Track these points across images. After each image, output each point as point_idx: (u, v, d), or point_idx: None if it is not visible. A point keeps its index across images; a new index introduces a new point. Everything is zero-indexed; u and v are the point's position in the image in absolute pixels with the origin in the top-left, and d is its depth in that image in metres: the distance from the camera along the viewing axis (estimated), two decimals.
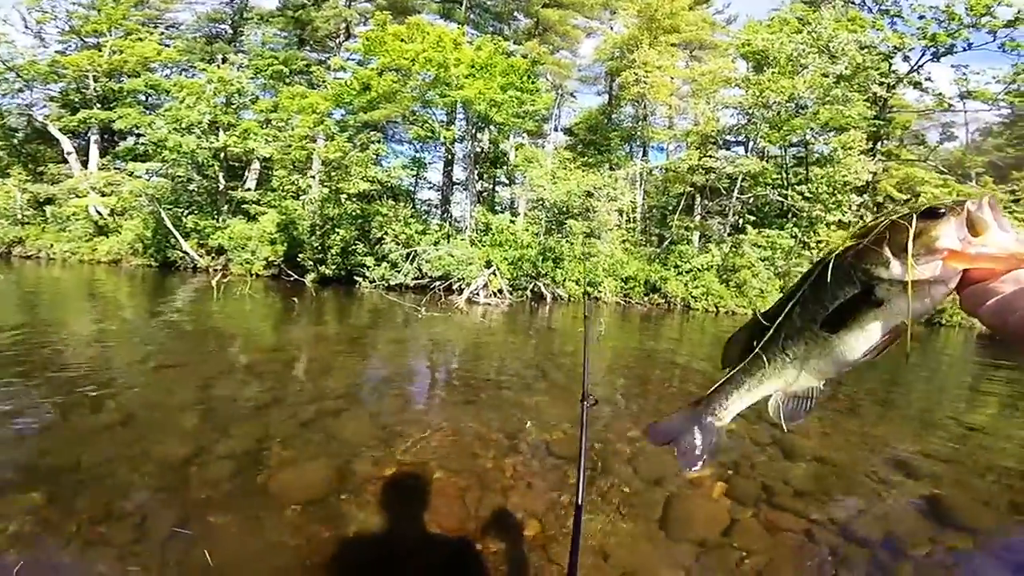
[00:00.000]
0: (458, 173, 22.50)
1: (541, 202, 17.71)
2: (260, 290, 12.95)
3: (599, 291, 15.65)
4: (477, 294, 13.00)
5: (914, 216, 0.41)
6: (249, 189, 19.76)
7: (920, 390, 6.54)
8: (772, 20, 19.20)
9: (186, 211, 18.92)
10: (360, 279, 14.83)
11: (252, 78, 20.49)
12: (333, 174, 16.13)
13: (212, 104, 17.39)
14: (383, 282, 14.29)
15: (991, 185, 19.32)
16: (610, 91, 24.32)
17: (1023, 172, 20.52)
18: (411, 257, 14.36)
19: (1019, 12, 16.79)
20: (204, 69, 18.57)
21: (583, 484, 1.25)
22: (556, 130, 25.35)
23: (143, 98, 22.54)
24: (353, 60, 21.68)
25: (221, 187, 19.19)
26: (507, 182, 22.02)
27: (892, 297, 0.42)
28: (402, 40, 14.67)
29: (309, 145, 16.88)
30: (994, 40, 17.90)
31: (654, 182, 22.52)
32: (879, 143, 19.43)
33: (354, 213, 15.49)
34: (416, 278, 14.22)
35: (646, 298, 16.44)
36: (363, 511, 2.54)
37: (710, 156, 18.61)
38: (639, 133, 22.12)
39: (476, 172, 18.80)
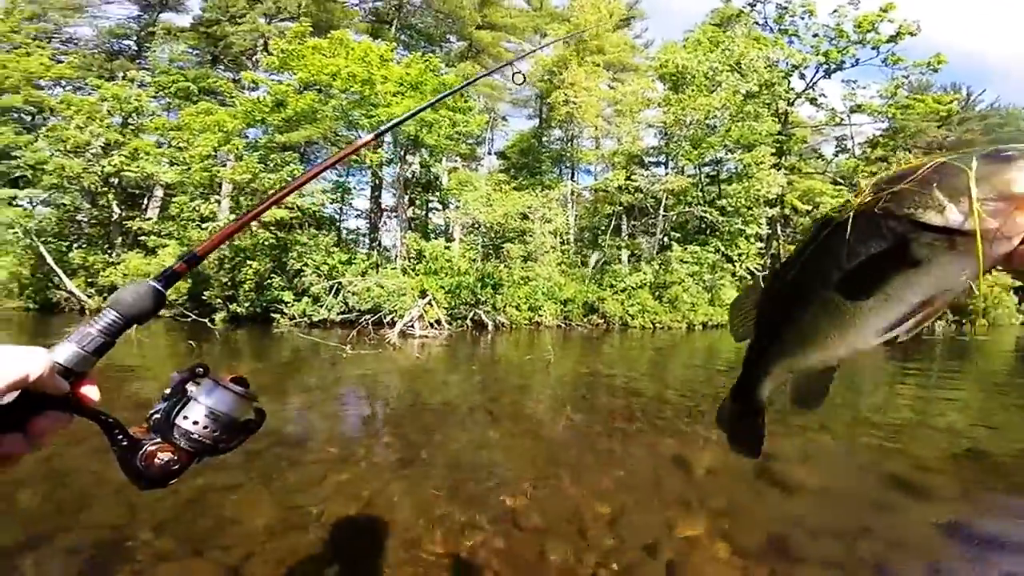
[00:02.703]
0: (387, 199, 21.57)
1: (477, 226, 17.24)
2: (159, 333, 11.19)
3: (540, 315, 15.29)
4: (412, 326, 12.06)
5: (975, 158, 0.30)
6: (150, 219, 17.62)
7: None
8: (687, 41, 20.54)
9: (73, 245, 16.52)
10: (278, 316, 13.37)
11: (154, 96, 18.71)
12: (243, 200, 14.63)
13: (106, 124, 15.57)
14: (305, 319, 12.94)
15: None
16: (540, 114, 24.83)
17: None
18: (335, 290, 13.16)
19: (900, 27, 19.02)
20: (98, 87, 16.59)
21: None
22: (490, 154, 25.34)
23: (26, 117, 19.91)
24: (271, 77, 20.47)
25: (115, 217, 17.03)
26: (440, 207, 21.40)
27: (934, 255, 0.31)
28: (323, 55, 13.79)
29: (213, 168, 15.20)
30: (878, 55, 20.18)
31: (584, 204, 22.99)
32: (783, 158, 21.09)
33: (269, 243, 14.06)
34: (342, 312, 13.01)
35: (585, 319, 16.35)
36: None
37: (636, 176, 19.29)
38: (568, 155, 22.60)
39: (407, 197, 18.03)
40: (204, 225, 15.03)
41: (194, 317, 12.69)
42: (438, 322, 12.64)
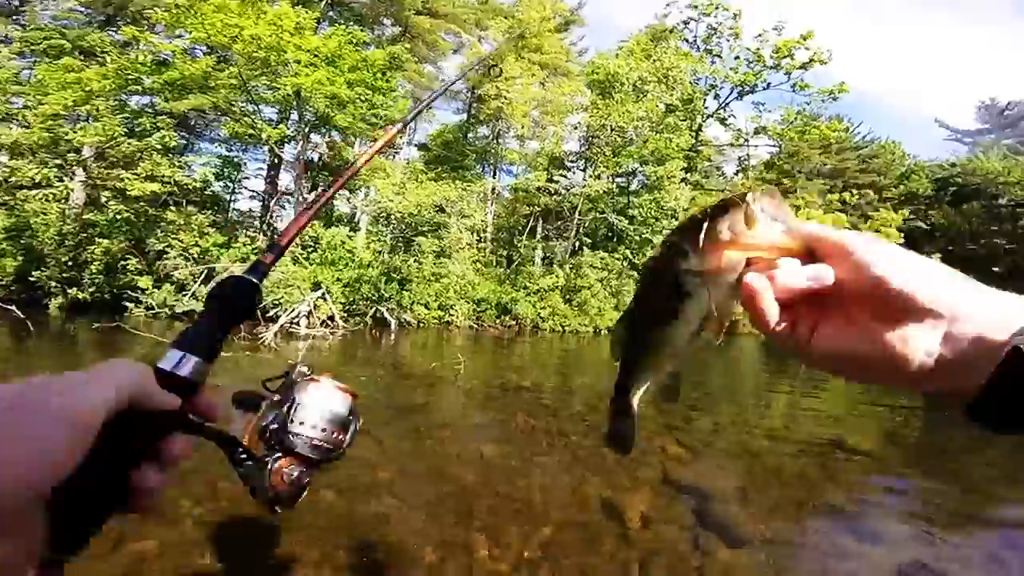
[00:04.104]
0: (286, 180, 19.25)
1: (387, 216, 15.87)
2: None
3: (451, 315, 14.43)
4: (297, 324, 10.50)
5: (707, 211, 0.44)
6: None
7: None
8: (620, 50, 20.90)
9: None
10: (131, 305, 11.02)
11: (19, 54, 15.11)
12: (96, 167, 11.93)
13: None
14: (165, 309, 10.79)
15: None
16: (469, 109, 23.98)
17: (788, 200, 25.96)
18: (205, 277, 11.12)
19: (814, 54, 20.62)
20: None
21: None
22: (410, 144, 23.81)
23: None
24: (164, 40, 17.21)
25: None
26: (348, 193, 19.57)
27: (696, 288, 0.45)
28: (229, 14, 11.57)
29: (59, 129, 12.17)
30: (788, 80, 21.83)
31: (502, 203, 22.55)
32: (689, 174, 22.30)
33: (128, 218, 11.59)
34: None
35: (497, 320, 15.83)
36: None
37: (556, 180, 19.24)
38: (493, 152, 21.98)
39: (308, 180, 16.06)
40: (36, 193, 12.05)
41: (2, 305, 9.70)
42: (331, 319, 11.21)
